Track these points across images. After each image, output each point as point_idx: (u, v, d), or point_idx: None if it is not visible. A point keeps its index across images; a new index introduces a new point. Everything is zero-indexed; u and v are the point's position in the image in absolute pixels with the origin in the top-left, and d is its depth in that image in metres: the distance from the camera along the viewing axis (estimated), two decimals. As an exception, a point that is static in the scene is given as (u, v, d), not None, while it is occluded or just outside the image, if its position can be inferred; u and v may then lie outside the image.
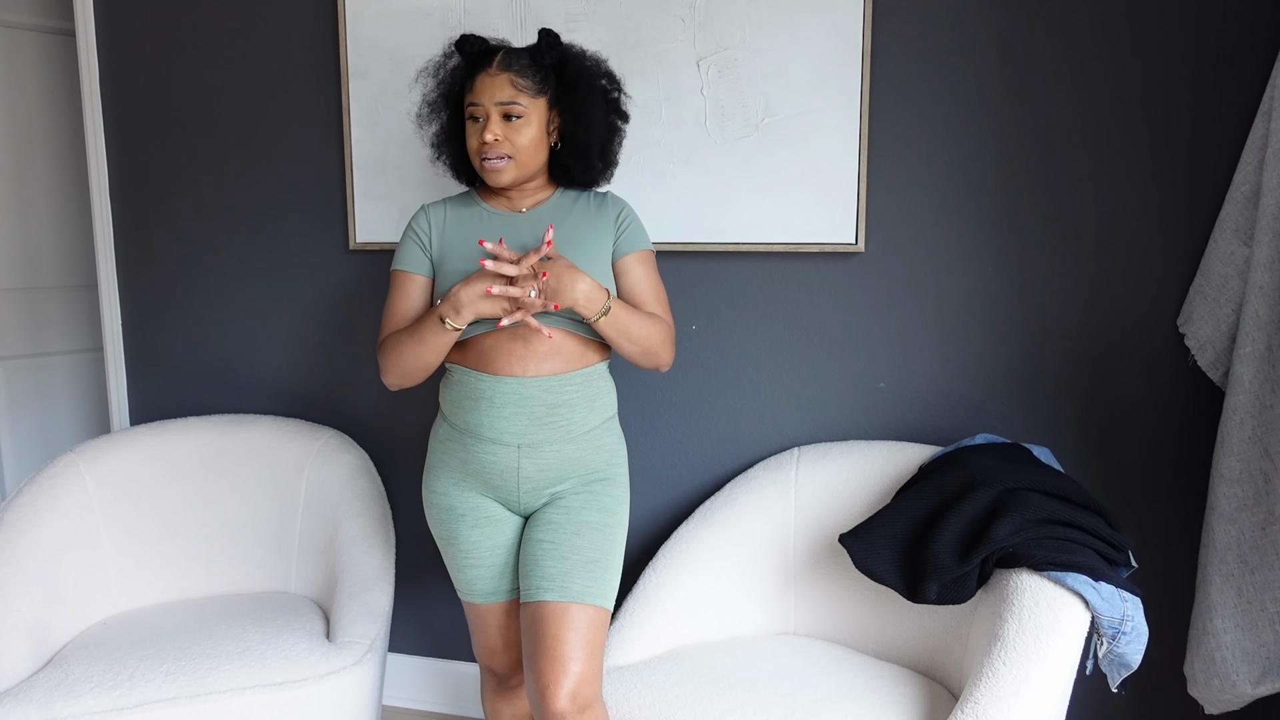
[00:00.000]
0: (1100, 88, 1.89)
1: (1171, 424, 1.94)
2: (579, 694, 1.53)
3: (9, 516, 1.98)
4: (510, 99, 1.61)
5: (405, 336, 1.63)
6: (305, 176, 2.39)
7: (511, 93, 1.61)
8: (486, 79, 1.62)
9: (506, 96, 1.61)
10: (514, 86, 1.61)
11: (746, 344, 2.15)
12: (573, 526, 1.64)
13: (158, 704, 1.70)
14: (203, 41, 2.42)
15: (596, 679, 1.57)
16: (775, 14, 2.01)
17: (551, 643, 1.55)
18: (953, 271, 2.01)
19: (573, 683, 1.53)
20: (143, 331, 2.59)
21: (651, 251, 1.76)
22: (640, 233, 1.75)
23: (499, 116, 1.61)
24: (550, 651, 1.54)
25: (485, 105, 1.61)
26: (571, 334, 1.65)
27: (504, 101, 1.61)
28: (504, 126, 1.61)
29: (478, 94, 1.62)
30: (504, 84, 1.61)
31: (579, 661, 1.54)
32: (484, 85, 1.62)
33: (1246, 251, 1.76)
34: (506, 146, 1.62)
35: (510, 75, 1.62)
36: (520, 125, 1.62)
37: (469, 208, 1.73)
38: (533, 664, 1.56)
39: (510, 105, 1.61)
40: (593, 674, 1.56)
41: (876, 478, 1.93)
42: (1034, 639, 1.46)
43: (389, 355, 1.66)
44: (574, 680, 1.53)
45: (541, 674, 1.53)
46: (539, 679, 1.54)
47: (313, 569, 2.17)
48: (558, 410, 1.63)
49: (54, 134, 3.10)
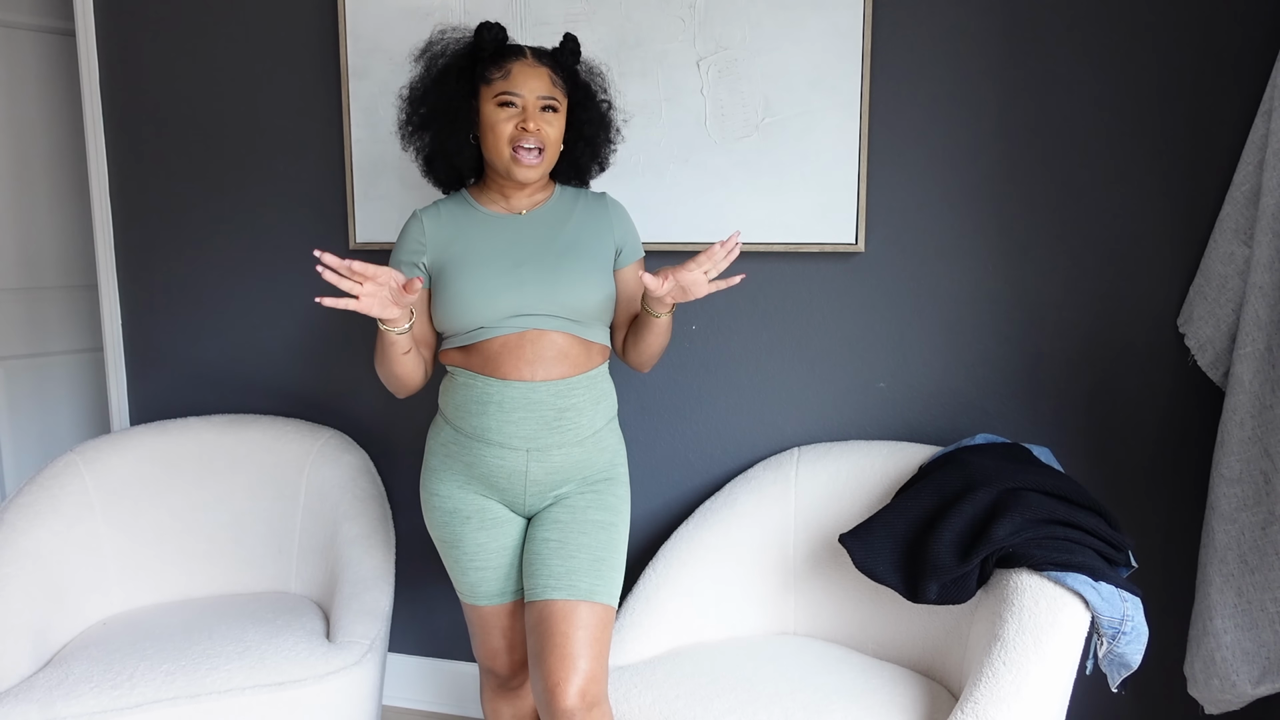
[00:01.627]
0: (1100, 87, 1.89)
1: (1171, 424, 1.94)
2: (588, 691, 1.53)
3: (9, 516, 1.98)
4: (550, 93, 1.61)
5: (375, 353, 1.65)
6: (305, 176, 2.39)
7: (550, 87, 1.62)
8: (526, 68, 1.61)
9: (547, 90, 1.61)
10: (552, 81, 1.62)
11: (746, 344, 2.15)
12: (579, 526, 1.64)
13: (158, 704, 1.70)
14: (203, 41, 2.42)
15: (604, 677, 1.57)
16: (775, 14, 2.01)
17: (560, 641, 1.54)
18: (953, 271, 2.01)
19: (581, 680, 1.53)
20: (143, 331, 2.59)
21: (643, 256, 1.81)
22: (638, 239, 1.79)
23: (538, 108, 1.61)
24: (559, 650, 1.54)
25: (526, 95, 1.60)
26: (576, 337, 1.65)
27: (545, 95, 1.61)
28: (540, 118, 1.61)
29: (516, 82, 1.60)
30: (544, 77, 1.61)
31: (587, 659, 1.54)
32: (525, 74, 1.60)
33: (1246, 251, 1.76)
34: (542, 136, 1.61)
35: (548, 70, 1.62)
36: (554, 119, 1.63)
37: (465, 211, 1.71)
38: (540, 662, 1.55)
39: (550, 99, 1.62)
40: (600, 672, 1.56)
41: (876, 478, 1.93)
42: (1034, 639, 1.46)
43: (378, 371, 1.68)
44: (583, 678, 1.53)
45: (550, 672, 1.53)
46: (547, 677, 1.53)
47: (313, 569, 2.17)
48: (566, 414, 1.63)
49: (54, 134, 3.10)
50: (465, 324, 1.62)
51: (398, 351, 1.59)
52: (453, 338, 1.67)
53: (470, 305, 1.61)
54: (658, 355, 1.76)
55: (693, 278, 1.53)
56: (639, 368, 1.78)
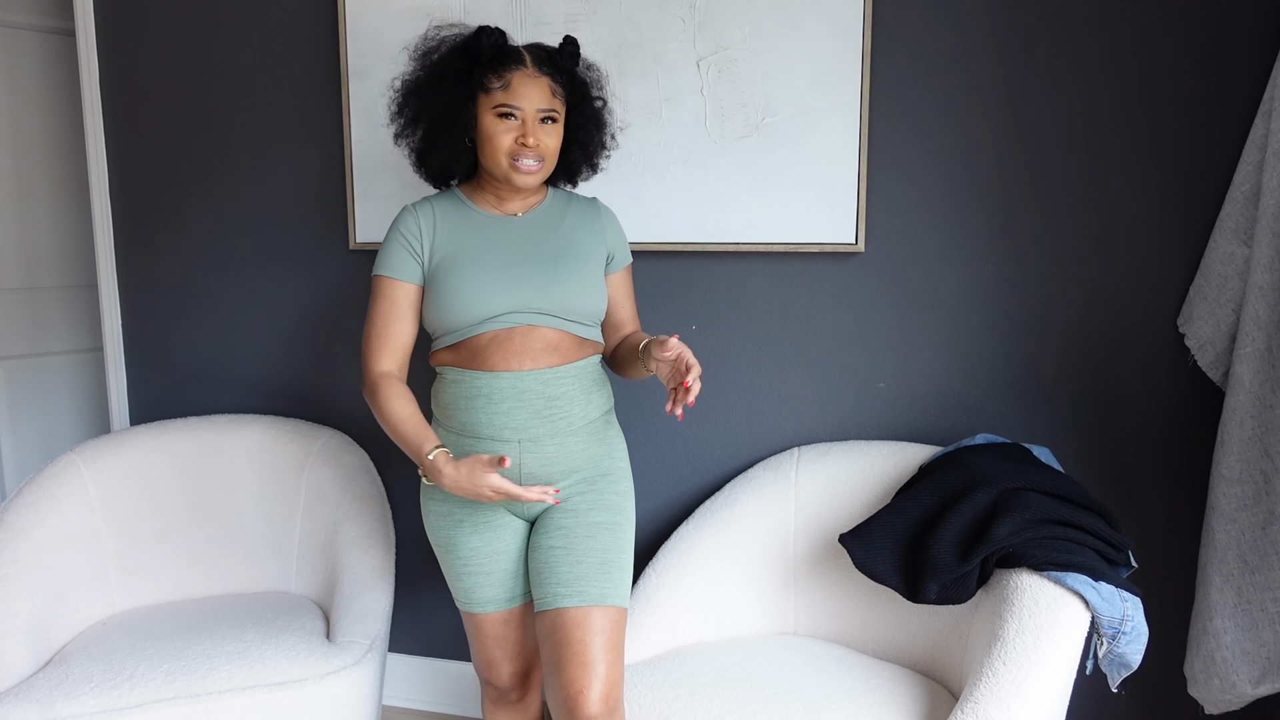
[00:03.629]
0: (1100, 87, 1.89)
1: (1171, 424, 1.94)
2: (610, 696, 1.53)
3: (9, 516, 1.98)
4: (550, 105, 1.60)
5: (391, 421, 1.60)
6: (305, 176, 2.39)
7: (550, 98, 1.60)
8: (527, 79, 1.58)
9: (547, 103, 1.59)
10: (552, 92, 1.60)
11: (746, 344, 2.15)
12: (583, 529, 1.62)
13: (158, 704, 1.70)
14: (203, 41, 2.42)
15: (622, 679, 1.58)
16: (775, 14, 2.01)
17: (579, 648, 1.54)
18: (953, 271, 2.01)
19: (603, 685, 1.53)
20: (143, 331, 2.59)
21: (631, 262, 1.83)
22: (627, 246, 1.81)
23: (537, 120, 1.59)
24: (578, 657, 1.53)
25: (526, 108, 1.58)
26: (566, 332, 1.64)
27: (545, 108, 1.59)
28: (540, 130, 1.60)
29: (516, 95, 1.57)
30: (544, 88, 1.59)
31: (606, 665, 1.54)
32: (525, 87, 1.58)
33: (1246, 251, 1.76)
34: (542, 149, 1.60)
35: (548, 80, 1.60)
36: (554, 130, 1.62)
37: (460, 210, 1.68)
38: (559, 671, 1.54)
39: (550, 111, 1.60)
40: (620, 675, 1.57)
41: (876, 478, 1.93)
42: (1034, 639, 1.46)
43: (374, 408, 1.63)
44: (604, 683, 1.53)
45: (571, 681, 1.52)
46: (568, 686, 1.52)
47: (313, 569, 2.17)
48: (556, 402, 1.62)
49: (54, 134, 3.10)
50: (460, 322, 1.61)
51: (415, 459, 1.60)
52: (443, 337, 1.66)
53: (467, 304, 1.60)
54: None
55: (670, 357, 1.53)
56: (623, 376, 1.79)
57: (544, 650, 1.58)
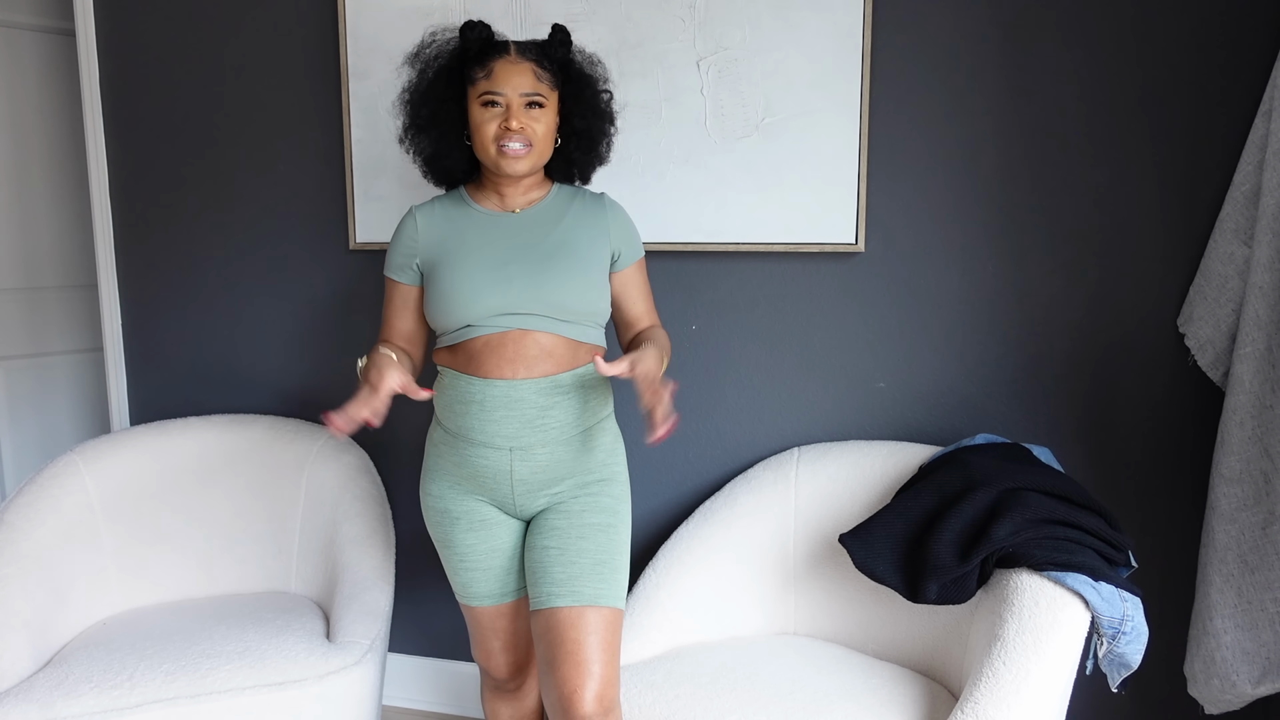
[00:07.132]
0: (1100, 88, 1.89)
1: (1171, 424, 1.94)
2: (604, 695, 1.53)
3: (9, 516, 1.98)
4: (534, 89, 1.60)
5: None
6: (305, 176, 2.39)
7: (534, 83, 1.60)
8: (508, 65, 1.59)
9: (530, 87, 1.59)
10: (536, 77, 1.60)
11: (746, 344, 2.15)
12: (576, 530, 1.62)
13: (158, 704, 1.70)
14: (203, 42, 2.42)
15: (617, 679, 1.57)
16: (775, 14, 2.01)
17: (572, 648, 1.54)
18: (953, 271, 2.01)
19: (598, 685, 1.53)
20: (143, 331, 2.59)
21: (644, 255, 1.78)
22: (638, 240, 1.76)
23: (522, 105, 1.60)
24: (572, 657, 1.53)
25: (508, 93, 1.58)
26: (562, 337, 1.63)
27: (528, 91, 1.59)
28: (525, 115, 1.60)
29: (498, 81, 1.58)
30: (527, 73, 1.60)
31: (600, 664, 1.54)
32: (506, 72, 1.59)
33: (1246, 251, 1.76)
34: (528, 134, 1.60)
35: (532, 65, 1.60)
36: (541, 115, 1.61)
37: (460, 208, 1.70)
38: (553, 671, 1.54)
39: (534, 95, 1.60)
40: (614, 675, 1.56)
41: (876, 478, 1.93)
42: (1034, 639, 1.46)
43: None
44: (599, 683, 1.53)
45: (565, 680, 1.53)
46: (562, 685, 1.53)
47: (312, 569, 2.17)
48: (549, 412, 1.61)
49: (54, 134, 3.10)
50: (452, 321, 1.62)
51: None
52: (443, 336, 1.67)
53: (456, 302, 1.60)
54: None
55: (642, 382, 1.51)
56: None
57: (539, 650, 1.59)
